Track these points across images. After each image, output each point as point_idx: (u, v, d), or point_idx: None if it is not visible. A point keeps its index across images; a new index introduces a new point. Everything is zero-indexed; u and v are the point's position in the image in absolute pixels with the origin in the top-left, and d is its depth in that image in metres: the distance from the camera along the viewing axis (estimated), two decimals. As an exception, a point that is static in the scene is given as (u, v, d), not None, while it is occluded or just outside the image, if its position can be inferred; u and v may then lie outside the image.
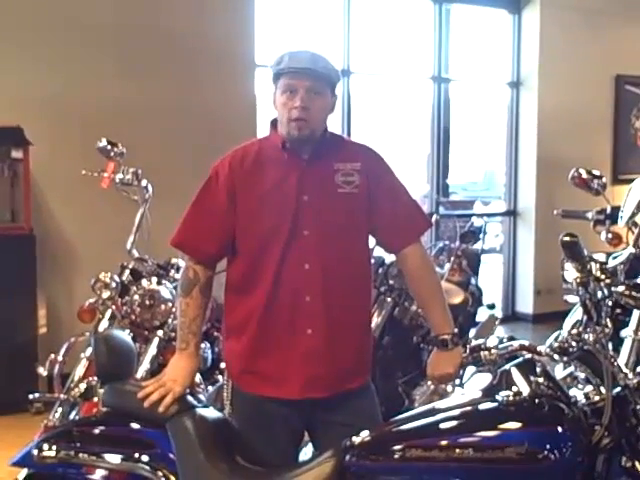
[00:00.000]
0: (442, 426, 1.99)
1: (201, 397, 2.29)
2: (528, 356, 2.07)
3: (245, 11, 6.01)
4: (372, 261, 3.71)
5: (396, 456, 1.96)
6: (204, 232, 2.29)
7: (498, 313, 4.88)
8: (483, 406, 1.99)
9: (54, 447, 2.21)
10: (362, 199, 2.26)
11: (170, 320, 3.60)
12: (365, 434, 2.02)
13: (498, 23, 7.92)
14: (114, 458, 2.20)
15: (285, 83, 2.21)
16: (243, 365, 2.29)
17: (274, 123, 2.31)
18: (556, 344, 2.06)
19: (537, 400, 1.95)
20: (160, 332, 3.57)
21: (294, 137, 2.21)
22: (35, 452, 2.21)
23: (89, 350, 3.45)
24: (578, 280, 2.03)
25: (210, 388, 3.65)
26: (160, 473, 2.14)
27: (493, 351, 2.11)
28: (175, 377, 2.24)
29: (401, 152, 9.23)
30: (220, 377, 4.00)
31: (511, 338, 2.13)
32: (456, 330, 2.30)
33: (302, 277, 2.21)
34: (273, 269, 2.21)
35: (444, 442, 1.93)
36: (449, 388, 3.73)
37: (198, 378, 3.54)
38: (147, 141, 5.36)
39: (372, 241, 2.39)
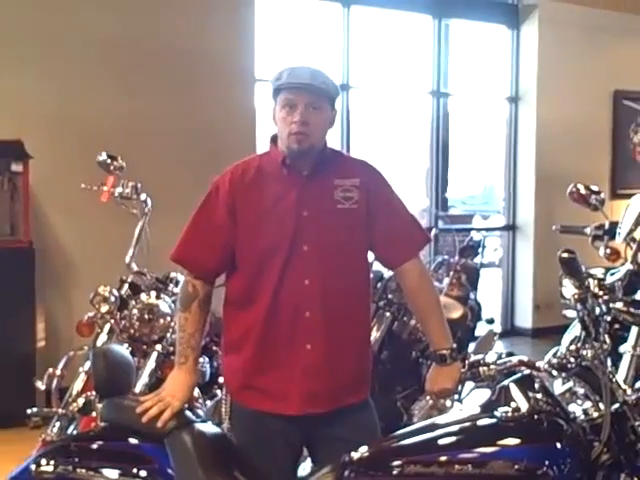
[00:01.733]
0: (441, 442, 2.00)
1: (199, 412, 2.28)
2: (527, 372, 2.07)
3: (245, 26, 6.05)
4: (371, 276, 3.73)
5: (395, 472, 1.96)
6: (203, 247, 2.30)
7: (497, 328, 4.87)
8: (482, 422, 2.00)
9: (52, 462, 2.20)
10: (361, 215, 2.27)
11: (169, 334, 3.59)
12: (364, 450, 2.02)
13: (497, 38, 7.96)
14: (112, 473, 2.18)
15: (284, 98, 2.22)
16: (242, 380, 2.29)
17: (274, 139, 2.33)
18: (554, 360, 2.06)
19: (536, 416, 1.95)
20: (159, 346, 3.56)
21: (294, 151, 2.23)
22: (33, 467, 2.20)
23: (87, 364, 3.44)
24: (576, 296, 2.03)
25: (208, 402, 3.64)
26: (158, 488, 2.13)
27: (492, 367, 2.11)
28: (174, 392, 2.25)
29: (400, 166, 9.25)
30: (218, 392, 3.98)
31: (510, 354, 2.14)
32: (455, 345, 2.30)
33: (302, 292, 2.21)
34: (272, 284, 2.21)
35: (443, 458, 1.93)
36: (448, 403, 3.73)
37: (196, 392, 3.52)
38: (147, 155, 5.37)
39: (371, 256, 2.40)
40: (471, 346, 4.34)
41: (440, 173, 7.50)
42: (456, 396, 3.95)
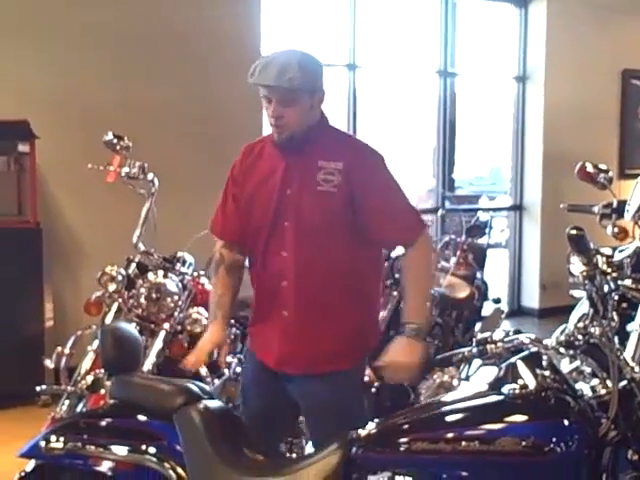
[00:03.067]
0: (448, 419, 2.00)
1: (208, 389, 2.29)
2: (534, 349, 2.07)
3: (251, 4, 6.01)
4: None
5: (402, 448, 1.96)
6: (226, 217, 2.55)
7: (504, 307, 4.87)
8: (489, 399, 2.00)
9: (62, 439, 2.22)
10: (339, 199, 2.34)
11: (176, 313, 3.61)
12: (371, 426, 2.03)
13: (504, 17, 7.90)
14: (121, 450, 2.20)
15: (261, 92, 2.35)
16: (250, 326, 2.62)
17: None
18: (562, 337, 2.06)
19: (543, 393, 1.95)
20: (166, 325, 3.58)
21: (276, 140, 2.40)
22: (43, 444, 2.22)
23: (96, 343, 3.46)
24: (584, 273, 2.03)
25: (217, 381, 3.66)
26: (167, 465, 2.14)
27: (499, 344, 2.11)
28: (204, 340, 2.51)
29: (407, 146, 9.22)
30: (226, 370, 4.01)
31: (517, 331, 2.13)
32: (424, 328, 2.31)
33: (279, 263, 2.41)
34: (260, 254, 2.46)
35: (450, 435, 1.94)
36: (455, 382, 3.74)
37: (204, 371, 3.55)
38: (153, 135, 5.36)
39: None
40: (478, 325, 4.34)
41: (447, 153, 7.47)
42: (463, 374, 3.96)
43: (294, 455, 3.22)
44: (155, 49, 5.61)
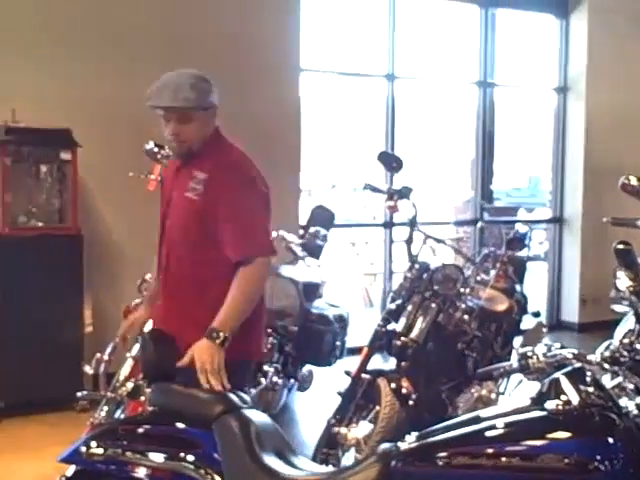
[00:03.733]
0: (489, 434, 1.97)
1: (246, 398, 2.29)
2: (578, 365, 2.03)
3: (290, 14, 6.03)
4: (415, 267, 3.69)
5: (442, 463, 1.93)
6: None
7: (543, 321, 4.80)
8: (531, 414, 1.96)
9: (102, 445, 2.23)
10: (198, 207, 2.59)
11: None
12: (411, 440, 2.01)
13: (544, 28, 7.83)
14: (159, 457, 2.20)
15: (159, 113, 2.63)
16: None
17: None
18: (607, 353, 2.02)
19: (587, 410, 1.91)
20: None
21: (176, 153, 2.73)
22: (83, 449, 2.24)
23: (135, 350, 3.49)
24: (631, 289, 1.99)
25: (252, 391, 3.66)
26: (205, 473, 2.14)
27: (542, 359, 2.07)
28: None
29: (445, 157, 9.18)
30: (262, 379, 4.02)
31: (561, 347, 2.10)
32: (224, 334, 2.45)
33: (162, 256, 2.75)
34: (160, 247, 2.78)
35: (491, 450, 1.90)
36: (493, 396, 3.70)
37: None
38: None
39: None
40: (517, 339, 4.29)
41: (485, 165, 7.42)
42: (501, 388, 3.92)
43: (330, 466, 3.20)
44: (194, 62, 5.59)
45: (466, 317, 3.75)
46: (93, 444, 2.24)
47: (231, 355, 2.50)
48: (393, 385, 3.38)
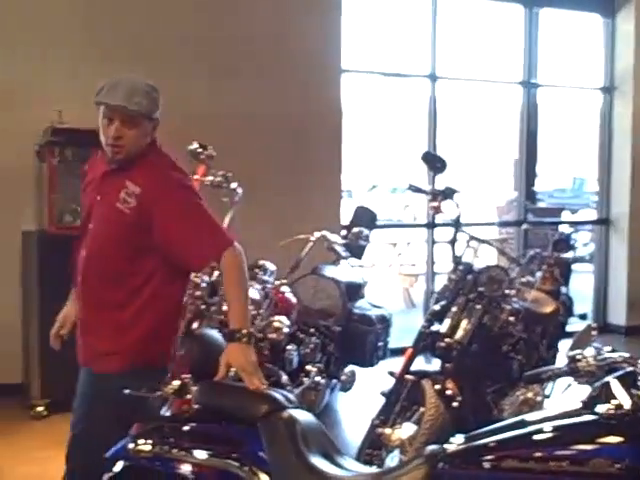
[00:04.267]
0: (537, 437, 1.94)
1: (292, 397, 2.29)
2: (630, 369, 1.99)
3: (332, 16, 6.03)
4: (460, 268, 3.67)
5: (489, 466, 1.91)
6: None
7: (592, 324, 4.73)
8: (582, 418, 1.93)
9: (148, 442, 2.25)
10: (130, 221, 2.50)
11: (257, 321, 3.63)
12: (459, 442, 1.99)
13: (590, 27, 7.72)
14: (205, 454, 2.21)
15: (104, 112, 2.50)
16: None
17: None
18: (661, 357, 1.98)
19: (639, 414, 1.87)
20: (248, 332, 3.59)
21: (109, 158, 2.55)
22: (131, 446, 2.26)
23: (180, 348, 3.51)
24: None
25: (296, 390, 3.67)
26: (250, 471, 2.15)
27: (592, 362, 2.04)
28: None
29: (487, 158, 9.10)
30: (305, 379, 4.03)
31: (612, 350, 2.06)
32: (251, 331, 2.43)
33: (81, 261, 2.63)
34: (79, 251, 2.65)
35: (539, 454, 1.88)
36: (539, 399, 3.65)
37: (285, 379, 3.56)
38: (235, 145, 5.43)
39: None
40: (563, 342, 4.23)
41: (528, 165, 7.34)
42: (547, 391, 3.86)
43: (374, 467, 3.19)
44: (237, 64, 5.69)
45: (511, 319, 3.70)
46: (140, 441, 2.26)
47: (135, 361, 2.53)
48: (438, 387, 3.36)
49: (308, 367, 4.02)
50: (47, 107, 4.93)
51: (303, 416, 2.22)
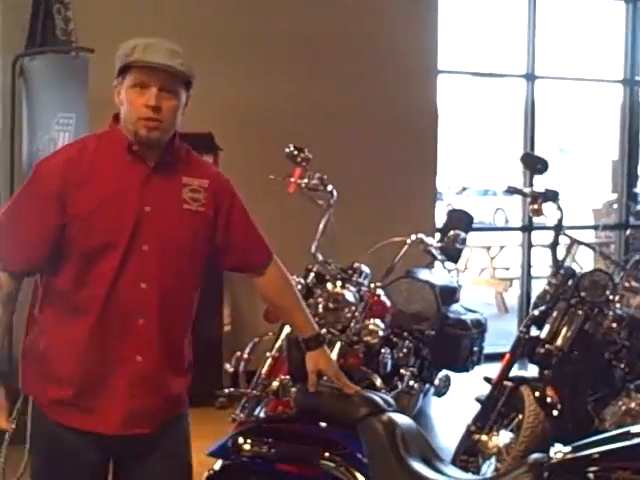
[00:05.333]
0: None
1: (391, 401, 2.28)
2: None
3: (428, 14, 5.98)
4: (561, 272, 3.58)
5: (594, 477, 1.86)
6: (26, 240, 2.02)
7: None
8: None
9: (248, 441, 2.29)
10: (206, 219, 2.08)
11: (352, 324, 3.63)
12: (565, 451, 1.94)
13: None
14: (304, 455, 2.23)
15: (136, 77, 1.97)
16: (54, 395, 2.01)
17: (117, 118, 2.08)
18: None
19: None
20: (343, 336, 3.60)
21: (142, 138, 1.99)
22: (230, 444, 2.30)
23: (275, 349, 3.55)
24: None
25: (390, 394, 3.65)
26: (349, 473, 2.16)
27: None
28: None
29: (585, 158, 8.84)
30: (399, 383, 4.00)
31: None
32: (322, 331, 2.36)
33: (137, 297, 2.00)
34: (103, 287, 1.97)
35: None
36: None
37: (379, 382, 3.55)
38: (328, 147, 5.44)
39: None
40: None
41: (630, 166, 7.08)
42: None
43: (469, 474, 3.14)
44: (331, 63, 5.70)
45: (615, 325, 3.58)
46: (240, 440, 2.30)
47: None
48: (537, 394, 3.28)
49: (402, 371, 3.99)
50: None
51: (402, 420, 2.21)
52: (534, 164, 3.85)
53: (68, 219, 1.98)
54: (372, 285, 3.78)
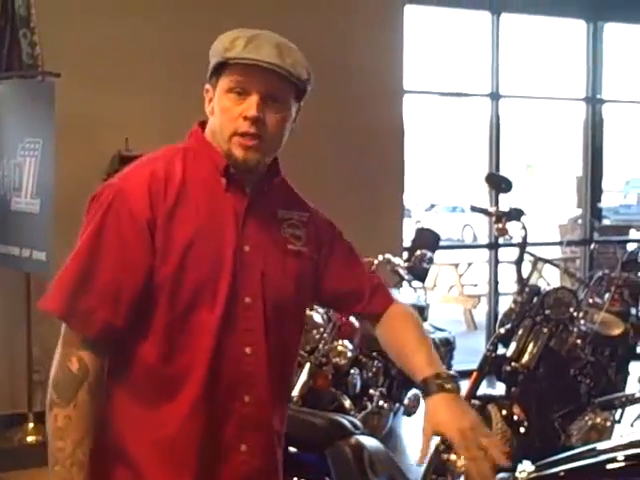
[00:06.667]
0: (610, 466, 1.90)
1: (359, 424, 2.29)
2: None
3: (393, 35, 6.04)
4: (526, 290, 3.63)
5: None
6: (107, 294, 1.48)
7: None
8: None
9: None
10: (310, 260, 1.65)
11: (321, 346, 3.64)
12: (529, 470, 1.96)
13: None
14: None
15: (234, 79, 1.53)
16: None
17: (203, 126, 1.64)
18: None
19: None
20: (311, 357, 3.61)
21: (237, 161, 1.53)
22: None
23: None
24: None
25: (359, 415, 3.66)
26: (316, 498, 2.16)
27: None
28: None
29: (549, 175, 8.97)
30: (369, 404, 4.01)
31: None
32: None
33: (241, 366, 1.52)
34: (207, 357, 1.49)
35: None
36: (608, 424, 3.56)
37: (348, 404, 3.56)
38: (295, 165, 5.40)
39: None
40: (633, 365, 4.12)
41: (594, 182, 7.21)
42: (617, 417, 3.76)
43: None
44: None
45: (579, 342, 3.64)
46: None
47: None
48: (504, 412, 3.31)
49: (371, 391, 4.01)
50: (114, 135, 5.06)
51: (370, 442, 2.21)
52: (498, 184, 3.92)
53: (159, 259, 1.48)
54: (340, 306, 3.80)
